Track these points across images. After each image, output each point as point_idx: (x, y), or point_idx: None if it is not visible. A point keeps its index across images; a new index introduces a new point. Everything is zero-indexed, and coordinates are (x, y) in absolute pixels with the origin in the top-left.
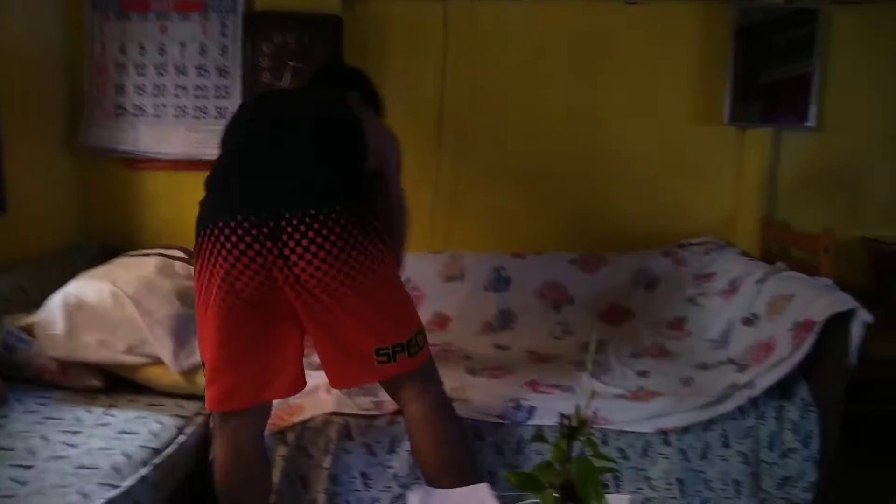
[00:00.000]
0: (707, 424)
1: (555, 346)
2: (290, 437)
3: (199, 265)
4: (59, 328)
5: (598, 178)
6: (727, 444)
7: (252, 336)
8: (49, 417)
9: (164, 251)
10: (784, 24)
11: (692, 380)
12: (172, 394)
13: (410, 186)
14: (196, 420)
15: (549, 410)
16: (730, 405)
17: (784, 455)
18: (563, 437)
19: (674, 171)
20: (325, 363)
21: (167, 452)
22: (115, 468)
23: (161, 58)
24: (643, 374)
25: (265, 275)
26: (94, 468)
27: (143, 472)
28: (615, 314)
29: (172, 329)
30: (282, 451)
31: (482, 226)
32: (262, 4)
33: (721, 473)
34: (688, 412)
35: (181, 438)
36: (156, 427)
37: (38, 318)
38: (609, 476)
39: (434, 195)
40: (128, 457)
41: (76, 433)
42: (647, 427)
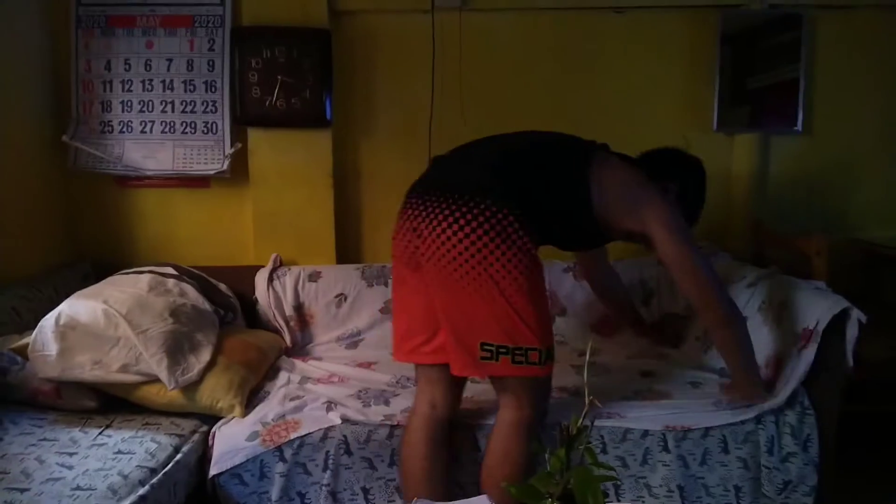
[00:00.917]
0: (706, 430)
1: None
2: (288, 454)
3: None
4: (53, 349)
5: None
6: (726, 450)
7: None
8: (44, 439)
9: (156, 268)
10: (769, 30)
11: (700, 383)
12: (168, 412)
13: (402, 197)
14: (193, 438)
15: (560, 413)
16: (752, 412)
17: (784, 460)
18: (562, 446)
19: None
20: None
21: (165, 472)
22: (112, 489)
23: (147, 73)
24: (647, 375)
25: None
26: (91, 489)
27: (141, 492)
28: (607, 326)
29: (167, 346)
30: (280, 468)
31: None
32: (250, 19)
33: (721, 479)
34: (708, 413)
35: (179, 457)
36: (152, 446)
37: (31, 340)
38: (609, 485)
39: None
40: (124, 477)
41: (72, 454)
42: (661, 424)
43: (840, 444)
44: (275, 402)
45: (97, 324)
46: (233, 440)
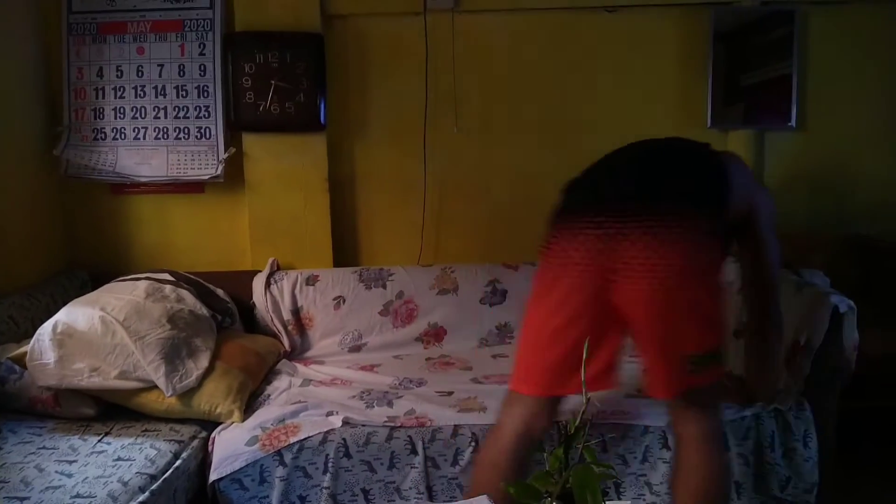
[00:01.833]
0: None
1: None
2: (288, 458)
3: None
4: (51, 357)
5: None
6: (727, 447)
7: None
8: (43, 447)
9: (153, 275)
10: (762, 27)
11: None
12: (168, 418)
13: (398, 200)
14: (193, 444)
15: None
16: (746, 412)
17: (785, 456)
18: (561, 445)
19: None
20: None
21: (165, 478)
22: (112, 496)
23: (139, 80)
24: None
25: None
26: (91, 497)
27: (142, 499)
28: None
29: (164, 352)
30: (279, 472)
31: (471, 237)
32: (242, 24)
33: None
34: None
35: (178, 463)
36: (152, 453)
37: (29, 348)
38: (610, 483)
39: (422, 207)
40: (124, 484)
41: (71, 462)
42: (661, 421)
43: (840, 439)
44: (274, 407)
45: (95, 331)
46: (232, 445)
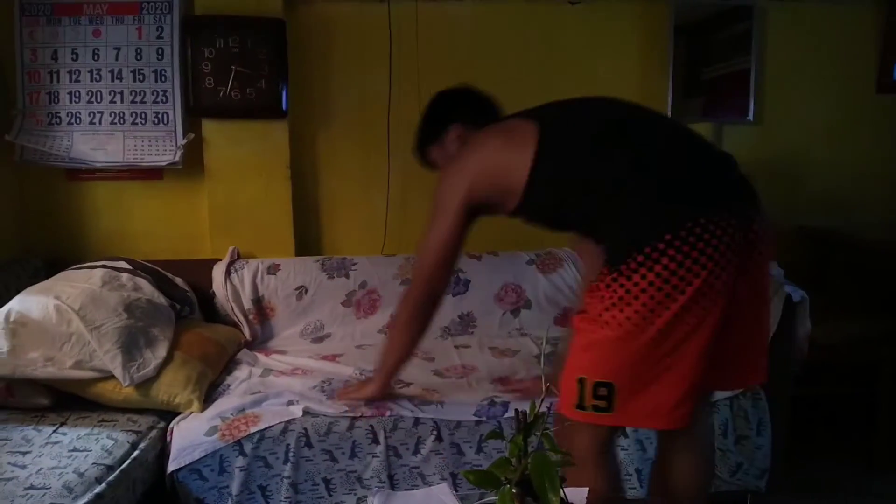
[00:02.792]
0: None
1: (515, 344)
2: (248, 448)
3: None
4: (3, 346)
5: None
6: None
7: None
8: None
9: (110, 263)
10: (722, 21)
11: None
12: (125, 408)
13: (361, 189)
14: (151, 434)
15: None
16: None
17: (737, 442)
18: (519, 433)
19: None
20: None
21: (122, 469)
22: (68, 487)
23: (95, 63)
24: None
25: None
26: (45, 488)
27: (98, 490)
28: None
29: (121, 342)
30: (239, 462)
31: None
32: (202, 8)
33: None
34: None
35: (136, 453)
36: (108, 443)
37: None
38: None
39: (386, 196)
40: (80, 475)
41: (25, 453)
42: None
43: (792, 427)
44: (234, 397)
45: (49, 320)
46: (191, 435)
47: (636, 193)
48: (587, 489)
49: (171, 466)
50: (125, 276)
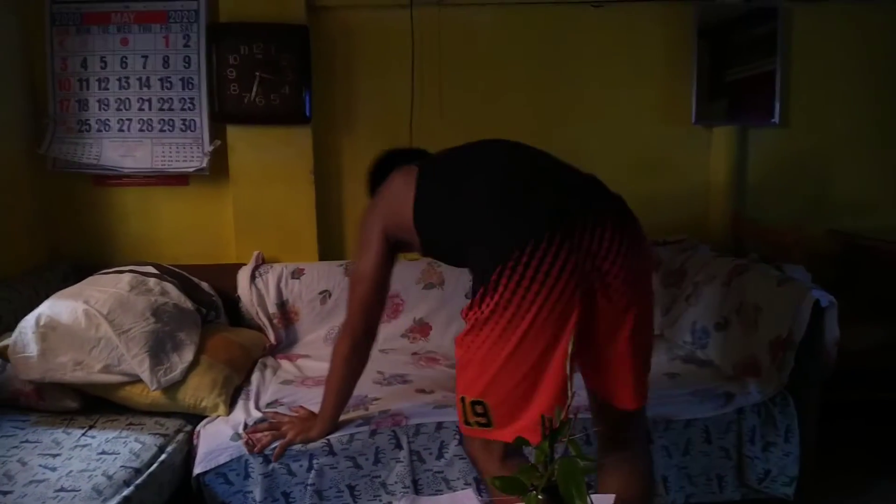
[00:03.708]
0: (688, 420)
1: None
2: (272, 455)
3: None
4: (33, 350)
5: None
6: (709, 440)
7: None
8: (26, 441)
9: (137, 268)
10: (746, 23)
11: (678, 374)
12: (152, 412)
13: None
14: (178, 438)
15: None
16: (729, 408)
17: (765, 449)
18: (546, 439)
19: (644, 172)
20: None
21: (150, 472)
22: (97, 489)
23: (124, 71)
24: None
25: None
26: (75, 490)
27: (126, 493)
28: None
29: (149, 346)
30: (263, 469)
31: None
32: (227, 16)
33: (704, 469)
34: (689, 405)
35: (163, 457)
36: (136, 446)
37: (12, 341)
38: (594, 476)
39: None
40: (109, 478)
41: (55, 456)
42: None
43: (820, 433)
44: (256, 407)
45: (78, 324)
46: (217, 439)
47: (480, 227)
48: (614, 495)
49: (197, 469)
50: (152, 281)
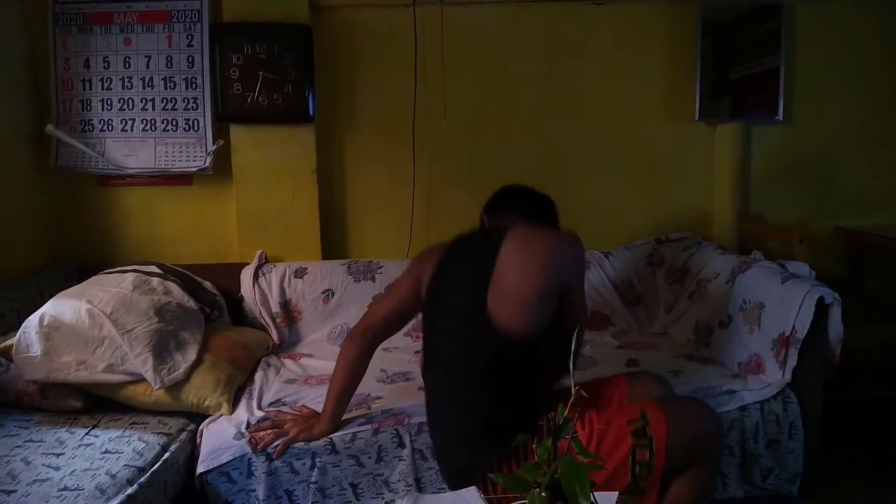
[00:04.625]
0: None
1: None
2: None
3: None
4: (37, 350)
5: (575, 177)
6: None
7: None
8: (30, 440)
9: (140, 267)
10: (750, 20)
11: (681, 372)
12: (155, 411)
13: (387, 192)
14: (181, 437)
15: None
16: (732, 406)
17: (768, 447)
18: (549, 437)
19: (647, 169)
20: None
21: (153, 470)
22: (100, 489)
23: (127, 71)
24: (632, 363)
25: None
26: (79, 489)
27: (130, 492)
28: (595, 321)
29: (152, 345)
30: (266, 468)
31: (460, 230)
32: (230, 15)
33: None
34: None
35: (167, 455)
36: (140, 445)
37: (15, 341)
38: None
39: (411, 200)
40: (112, 477)
41: (59, 455)
42: None
43: (824, 431)
44: (259, 406)
45: (82, 324)
46: (220, 438)
47: None
48: (616, 493)
49: (200, 468)
50: (156, 281)
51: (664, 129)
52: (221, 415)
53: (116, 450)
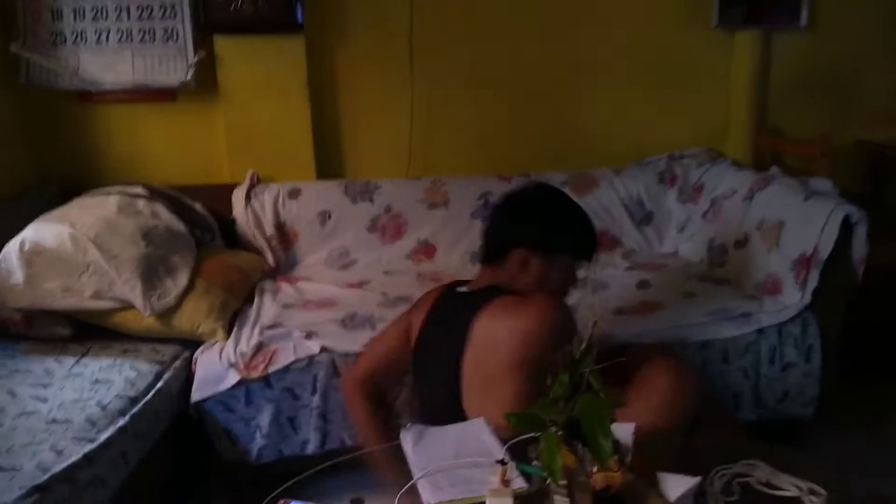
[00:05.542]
0: (705, 342)
1: None
2: (274, 380)
3: None
4: (19, 277)
5: (581, 91)
6: (727, 360)
7: None
8: (16, 371)
9: (125, 189)
10: None
11: (694, 294)
12: (147, 338)
13: (383, 109)
14: (175, 364)
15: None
16: (747, 328)
17: (784, 370)
18: (566, 372)
19: (660, 80)
20: None
21: (146, 400)
22: (90, 421)
23: None
24: (643, 286)
25: None
26: (68, 422)
27: (122, 423)
28: (603, 242)
29: (140, 271)
30: (267, 395)
31: (461, 148)
32: None
33: (719, 388)
34: (703, 327)
35: (160, 385)
36: (132, 374)
37: None
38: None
39: (409, 120)
40: (103, 408)
41: (46, 386)
42: (655, 339)
43: (842, 354)
44: (255, 331)
45: (64, 249)
46: (215, 366)
47: None
48: (633, 424)
49: (195, 396)
50: (142, 203)
51: (679, 36)
52: (217, 341)
53: (107, 379)
